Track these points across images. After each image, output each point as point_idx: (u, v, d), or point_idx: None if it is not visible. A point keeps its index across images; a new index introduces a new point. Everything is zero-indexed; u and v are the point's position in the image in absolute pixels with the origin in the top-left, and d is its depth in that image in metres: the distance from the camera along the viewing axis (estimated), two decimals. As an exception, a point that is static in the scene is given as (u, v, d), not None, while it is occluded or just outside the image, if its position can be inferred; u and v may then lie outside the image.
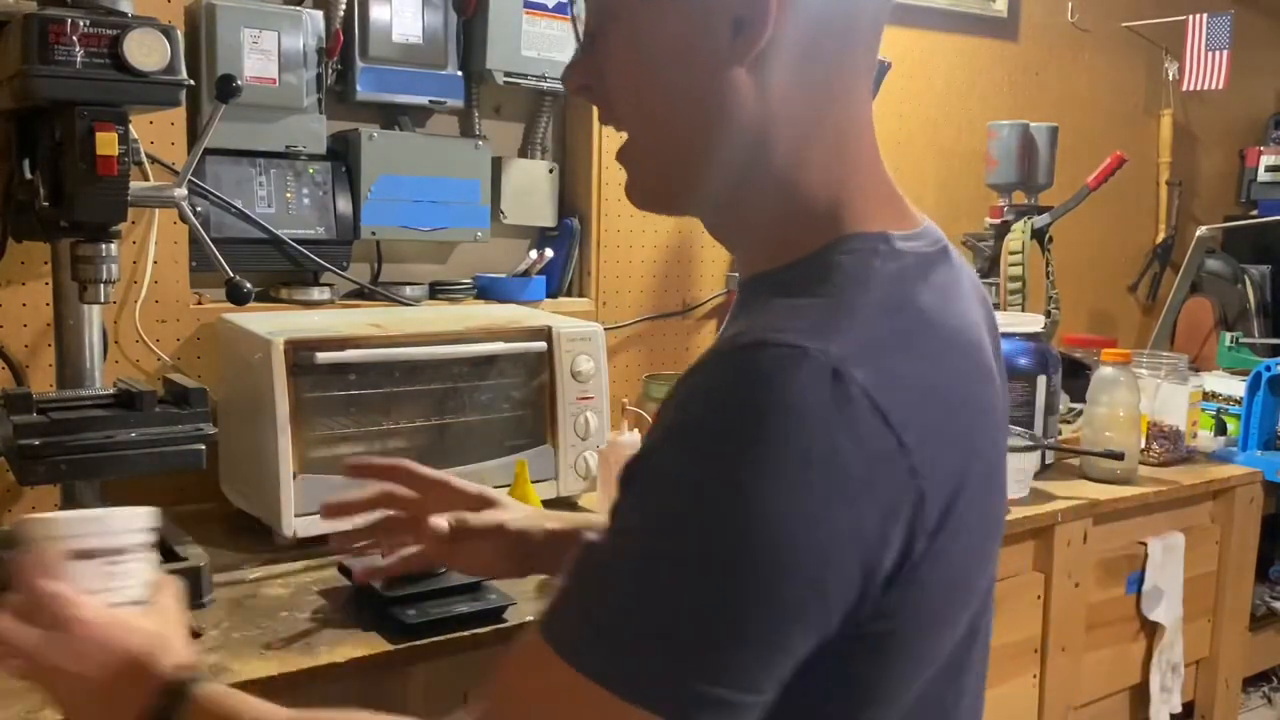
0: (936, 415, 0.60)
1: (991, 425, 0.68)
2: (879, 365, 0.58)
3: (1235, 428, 2.30)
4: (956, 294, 0.69)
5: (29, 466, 1.15)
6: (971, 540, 0.64)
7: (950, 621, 0.66)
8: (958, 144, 2.64)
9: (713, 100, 0.66)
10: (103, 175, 1.17)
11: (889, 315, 0.62)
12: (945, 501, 0.60)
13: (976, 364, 0.67)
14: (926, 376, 0.61)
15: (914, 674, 0.65)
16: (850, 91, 0.69)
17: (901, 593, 0.60)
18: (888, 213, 0.69)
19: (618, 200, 2.10)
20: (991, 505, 0.67)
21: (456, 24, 1.88)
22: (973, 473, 0.63)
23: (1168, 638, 2.02)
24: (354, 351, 1.43)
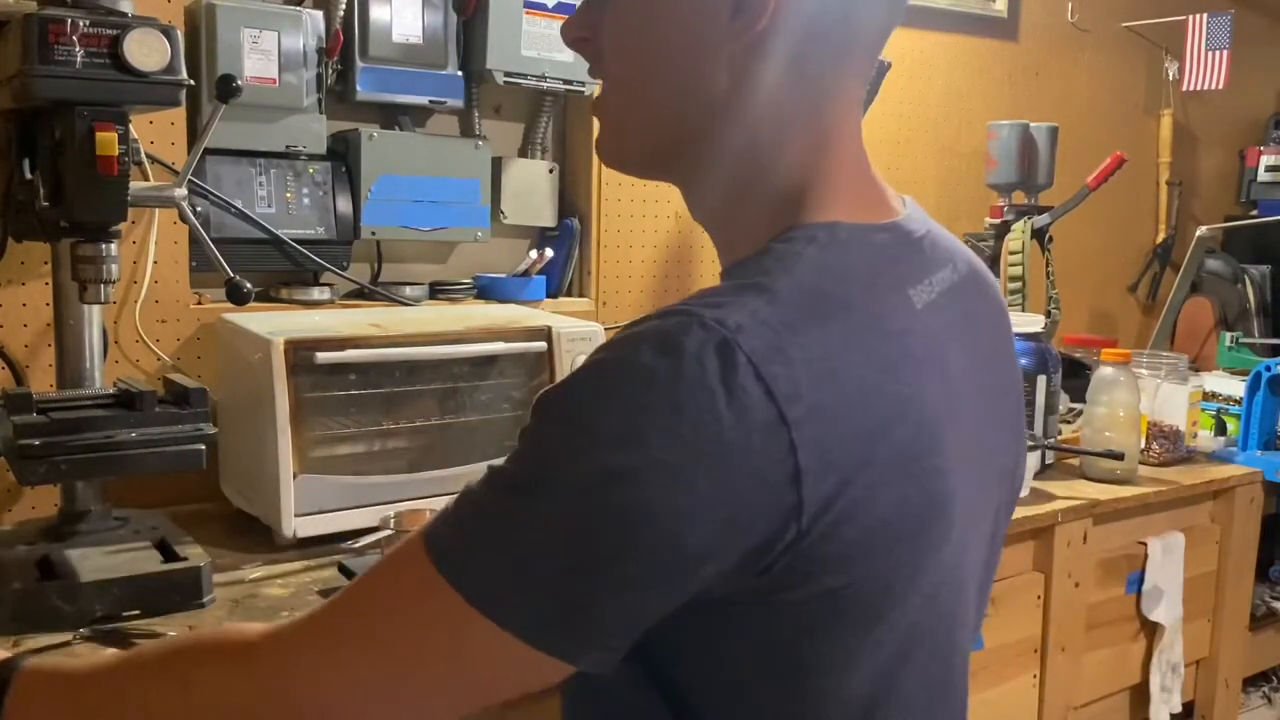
0: (833, 397, 0.60)
1: (921, 417, 0.65)
2: (773, 341, 0.59)
3: (1235, 428, 2.30)
4: (900, 284, 0.68)
5: (29, 466, 1.15)
6: (883, 531, 0.63)
7: (864, 619, 0.65)
8: (958, 144, 2.64)
9: (699, 75, 0.69)
10: (103, 175, 1.17)
11: (802, 297, 0.63)
12: (835, 485, 0.60)
13: (906, 351, 0.66)
14: (827, 359, 0.61)
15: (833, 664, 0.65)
16: (842, 92, 0.71)
17: (793, 569, 0.60)
18: (851, 205, 0.70)
19: (618, 200, 2.10)
20: (922, 499, 0.65)
21: (456, 24, 1.88)
22: (883, 458, 0.62)
23: (1168, 638, 2.02)
24: (354, 351, 1.43)
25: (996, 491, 0.78)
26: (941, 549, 0.68)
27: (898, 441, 0.63)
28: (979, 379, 0.73)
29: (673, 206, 2.16)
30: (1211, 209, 3.25)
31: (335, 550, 1.36)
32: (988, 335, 0.77)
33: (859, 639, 0.65)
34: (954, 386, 0.69)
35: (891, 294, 0.67)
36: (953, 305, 0.72)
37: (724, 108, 0.69)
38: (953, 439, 0.67)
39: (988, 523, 0.78)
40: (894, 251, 0.70)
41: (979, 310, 0.77)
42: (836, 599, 0.63)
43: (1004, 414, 0.79)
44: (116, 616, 1.17)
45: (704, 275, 2.22)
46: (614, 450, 0.58)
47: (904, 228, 0.72)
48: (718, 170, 0.71)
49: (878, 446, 0.62)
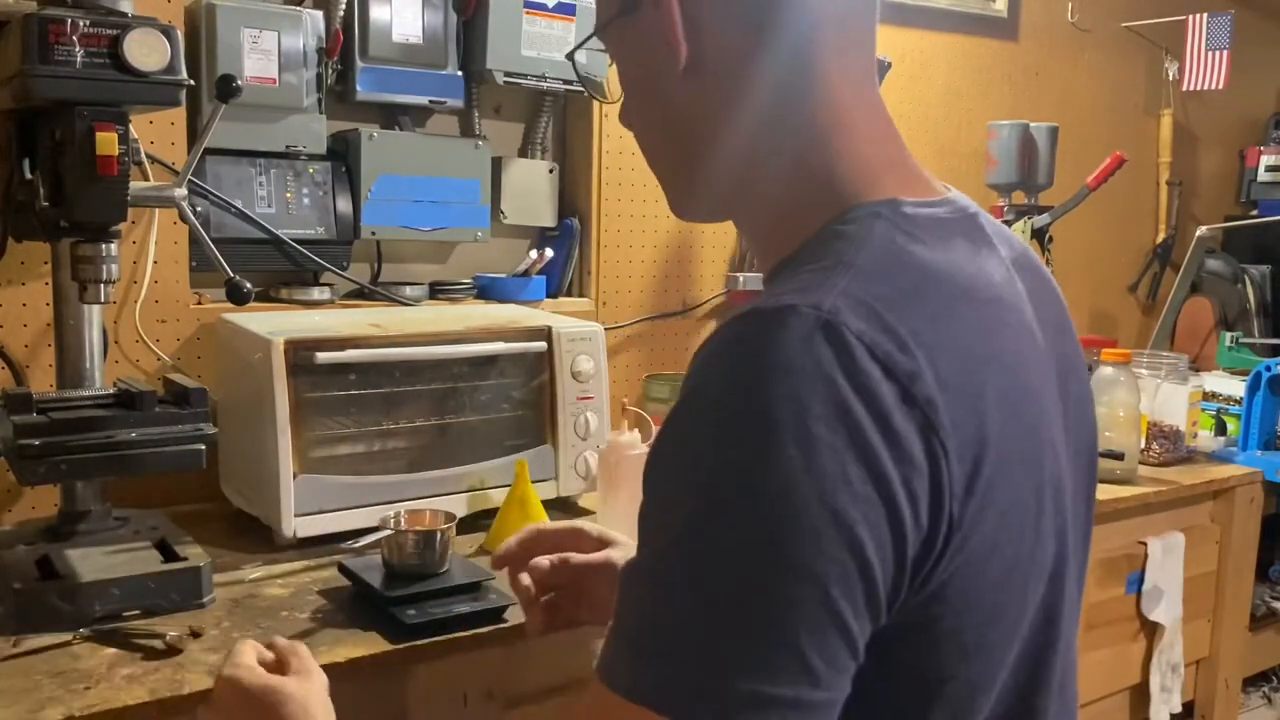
0: (947, 369, 0.57)
1: (1027, 384, 0.63)
2: (876, 317, 0.56)
3: (1235, 428, 2.30)
4: (975, 255, 0.66)
5: (29, 466, 1.15)
6: (1012, 508, 0.59)
7: (1006, 608, 0.61)
8: (958, 144, 2.64)
9: (680, 114, 0.71)
10: (103, 175, 1.17)
11: (889, 271, 0.61)
12: (971, 460, 0.56)
13: (1000, 319, 0.63)
14: (932, 331, 0.58)
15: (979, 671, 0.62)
16: (828, 74, 0.68)
17: (946, 568, 0.56)
18: (897, 182, 0.68)
19: (618, 200, 2.10)
20: (1040, 471, 0.62)
21: (456, 24, 1.88)
22: (1002, 432, 0.58)
23: (1167, 638, 2.02)
24: (354, 351, 1.43)
25: (1085, 478, 0.75)
26: (1047, 540, 0.65)
27: (1010, 413, 0.60)
28: (1053, 354, 0.71)
29: (673, 206, 2.16)
30: (1211, 209, 3.25)
31: (335, 550, 1.36)
32: (1053, 311, 0.74)
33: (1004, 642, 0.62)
34: (1043, 356, 0.67)
35: (970, 263, 0.65)
36: (1024, 279, 0.70)
37: (716, 134, 0.70)
38: (1052, 416, 0.65)
39: (1079, 512, 0.74)
40: (960, 226, 0.68)
41: (1039, 288, 0.74)
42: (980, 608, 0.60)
43: (1079, 393, 0.75)
44: (116, 616, 1.17)
45: (704, 275, 2.22)
46: (750, 488, 0.53)
47: (959, 203, 0.70)
48: (747, 188, 0.71)
49: (993, 420, 0.58)
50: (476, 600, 1.22)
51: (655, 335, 2.16)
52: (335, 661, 1.11)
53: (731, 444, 0.54)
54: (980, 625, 0.60)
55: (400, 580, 1.23)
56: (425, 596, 1.21)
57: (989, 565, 0.59)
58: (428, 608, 1.19)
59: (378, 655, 1.14)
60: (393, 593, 1.21)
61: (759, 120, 0.69)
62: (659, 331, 2.16)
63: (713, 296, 2.22)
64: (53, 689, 1.02)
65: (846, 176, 0.67)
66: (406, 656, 1.16)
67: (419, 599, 1.20)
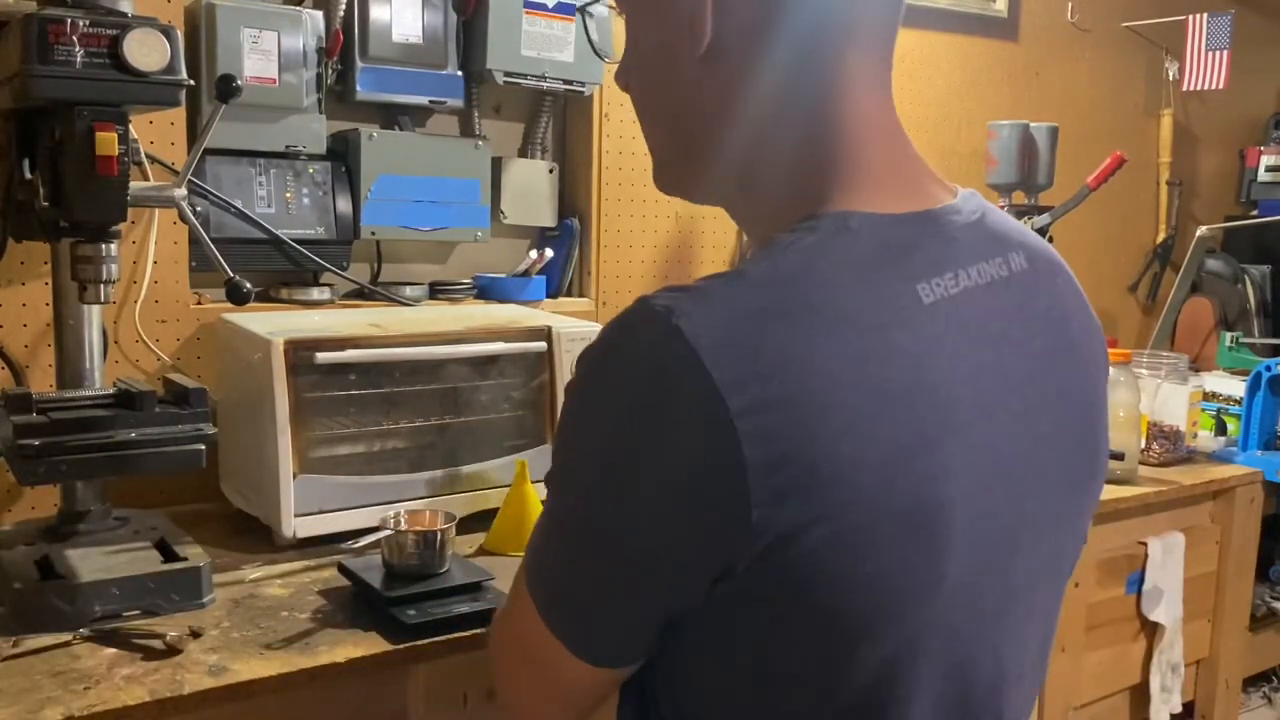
0: (785, 390, 0.58)
1: (908, 410, 0.61)
2: (726, 330, 0.59)
3: (1235, 428, 2.30)
4: (917, 276, 0.65)
5: (29, 466, 1.15)
6: (856, 533, 0.59)
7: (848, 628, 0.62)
8: (958, 144, 2.64)
9: (687, 98, 0.73)
10: (103, 175, 1.17)
11: (778, 285, 0.62)
12: (790, 480, 0.58)
13: (892, 347, 0.62)
14: (787, 350, 0.59)
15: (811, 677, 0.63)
16: (843, 77, 0.69)
17: (768, 567, 0.59)
18: (874, 193, 0.68)
19: (618, 200, 2.10)
20: (909, 504, 0.61)
21: (456, 24, 1.88)
22: (855, 456, 0.59)
23: (1168, 638, 2.02)
24: (354, 351, 1.43)
25: (1057, 505, 0.72)
26: (942, 561, 0.63)
27: (877, 439, 0.60)
28: (1015, 385, 0.68)
29: (673, 206, 2.16)
30: (1211, 209, 3.25)
31: (335, 550, 1.36)
32: (1041, 336, 0.71)
33: (842, 650, 0.62)
34: (956, 392, 0.64)
35: (890, 287, 0.64)
36: (987, 303, 0.68)
37: (720, 121, 0.71)
38: (962, 442, 0.63)
39: (1045, 541, 0.71)
40: (909, 244, 0.66)
41: (1038, 308, 0.72)
42: (812, 605, 0.60)
43: (1065, 420, 0.72)
44: (116, 616, 1.17)
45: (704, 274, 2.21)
46: (583, 458, 0.65)
47: (940, 218, 0.69)
48: (734, 178, 0.73)
49: (847, 442, 0.59)
50: (476, 600, 1.22)
51: (655, 335, 2.16)
52: (335, 661, 1.11)
53: (576, 425, 0.66)
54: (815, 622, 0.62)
55: (400, 580, 1.23)
56: (425, 596, 1.21)
57: (819, 572, 0.60)
58: (428, 608, 1.19)
59: (378, 655, 1.14)
60: (393, 593, 1.21)
61: (764, 113, 0.70)
62: (659, 331, 2.16)
63: (713, 296, 2.22)
64: (53, 689, 1.02)
65: (827, 180, 0.68)
66: (406, 656, 1.16)
67: (419, 599, 1.20)
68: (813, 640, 0.62)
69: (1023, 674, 0.74)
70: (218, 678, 1.05)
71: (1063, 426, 0.72)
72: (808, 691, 0.64)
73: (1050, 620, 0.78)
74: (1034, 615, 0.74)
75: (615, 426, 0.62)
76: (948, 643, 0.66)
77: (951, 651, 0.66)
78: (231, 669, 1.07)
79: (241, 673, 1.07)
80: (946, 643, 0.66)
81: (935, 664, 0.66)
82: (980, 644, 0.69)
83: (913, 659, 0.64)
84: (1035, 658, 0.76)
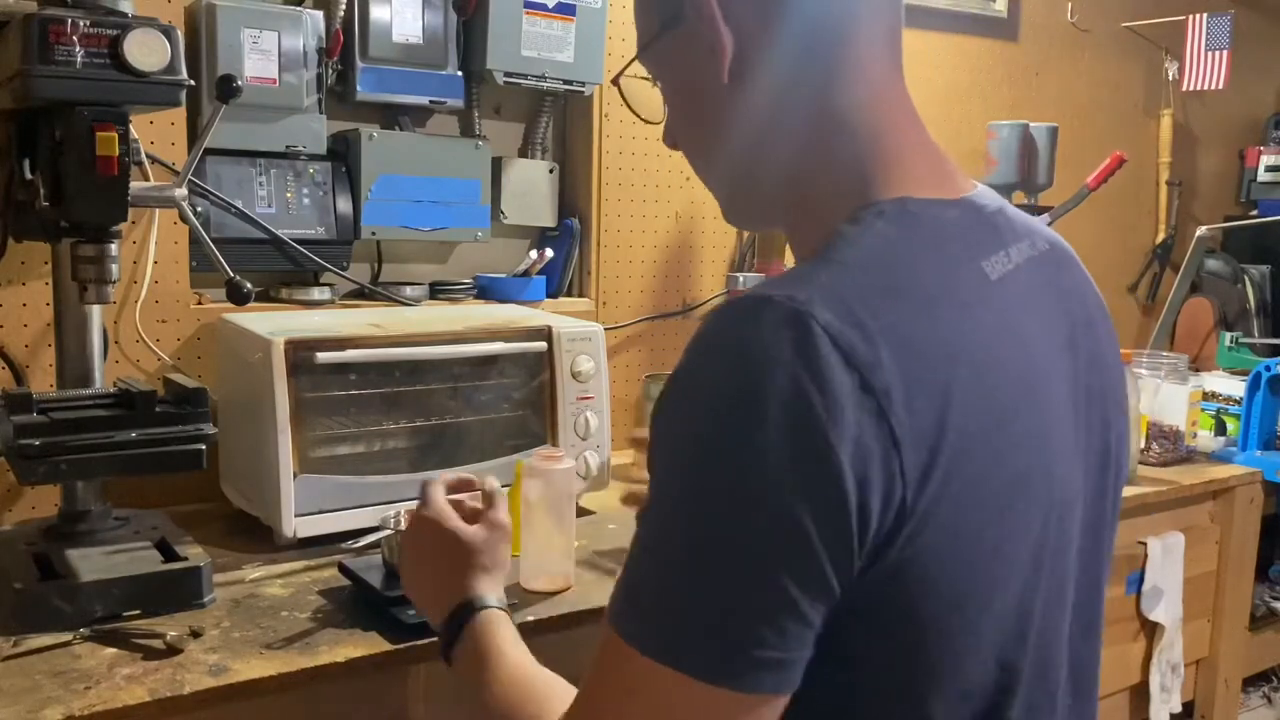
0: (910, 364, 0.60)
1: (997, 383, 0.65)
2: (847, 311, 0.60)
3: (1235, 428, 2.30)
4: (970, 257, 0.69)
5: (29, 466, 1.15)
6: (977, 500, 0.62)
7: (971, 595, 0.63)
8: (958, 144, 2.64)
9: (727, 122, 0.74)
10: (103, 175, 1.17)
11: (871, 267, 0.64)
12: (928, 450, 0.59)
13: (977, 321, 0.66)
14: (903, 326, 0.61)
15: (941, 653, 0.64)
16: (862, 72, 0.71)
17: (903, 552, 0.59)
18: (916, 179, 0.71)
19: (618, 200, 2.10)
20: (1008, 472, 0.64)
21: (456, 24, 1.88)
22: (966, 426, 0.61)
23: (1167, 638, 2.02)
24: (354, 351, 1.43)
25: (1097, 473, 0.77)
26: (1036, 522, 0.66)
27: (975, 409, 0.62)
28: (1070, 351, 0.73)
29: (673, 207, 2.16)
30: (1211, 209, 3.25)
31: (335, 550, 1.37)
32: (1078, 308, 0.77)
33: (972, 628, 0.64)
34: (1037, 358, 0.69)
35: (962, 265, 0.68)
36: (1034, 277, 0.72)
37: (763, 137, 0.73)
38: (1038, 411, 0.67)
39: (1089, 508, 0.76)
40: (965, 225, 0.70)
41: (1066, 284, 0.77)
42: (945, 590, 0.62)
43: (1101, 387, 0.77)
44: (116, 616, 1.17)
45: (704, 275, 2.22)
46: (714, 461, 0.59)
47: (975, 203, 0.73)
48: (789, 191, 0.74)
49: (956, 413, 0.61)
50: (476, 600, 1.22)
51: (655, 335, 2.16)
52: (335, 661, 1.11)
53: (703, 425, 0.60)
54: (942, 610, 0.63)
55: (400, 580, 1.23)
56: (425, 596, 1.21)
57: (949, 552, 0.61)
58: (428, 608, 1.19)
59: (378, 655, 1.14)
60: (393, 593, 1.20)
61: (800, 123, 0.71)
62: (659, 331, 2.16)
63: (713, 296, 2.22)
64: (53, 689, 1.02)
65: (869, 174, 0.70)
66: (406, 656, 1.16)
67: (419, 599, 1.20)
68: (948, 621, 0.63)
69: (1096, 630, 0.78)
70: (218, 678, 1.05)
71: (1101, 395, 0.77)
72: (934, 676, 0.65)
73: (1104, 578, 0.81)
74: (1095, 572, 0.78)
75: (749, 431, 0.58)
76: (1043, 605, 0.69)
77: (1044, 613, 0.69)
78: (231, 669, 1.08)
79: (241, 673, 1.07)
80: (1043, 606, 0.69)
81: (1035, 628, 0.68)
82: (1057, 603, 0.72)
83: (1026, 623, 0.67)
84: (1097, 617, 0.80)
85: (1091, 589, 0.78)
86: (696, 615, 0.59)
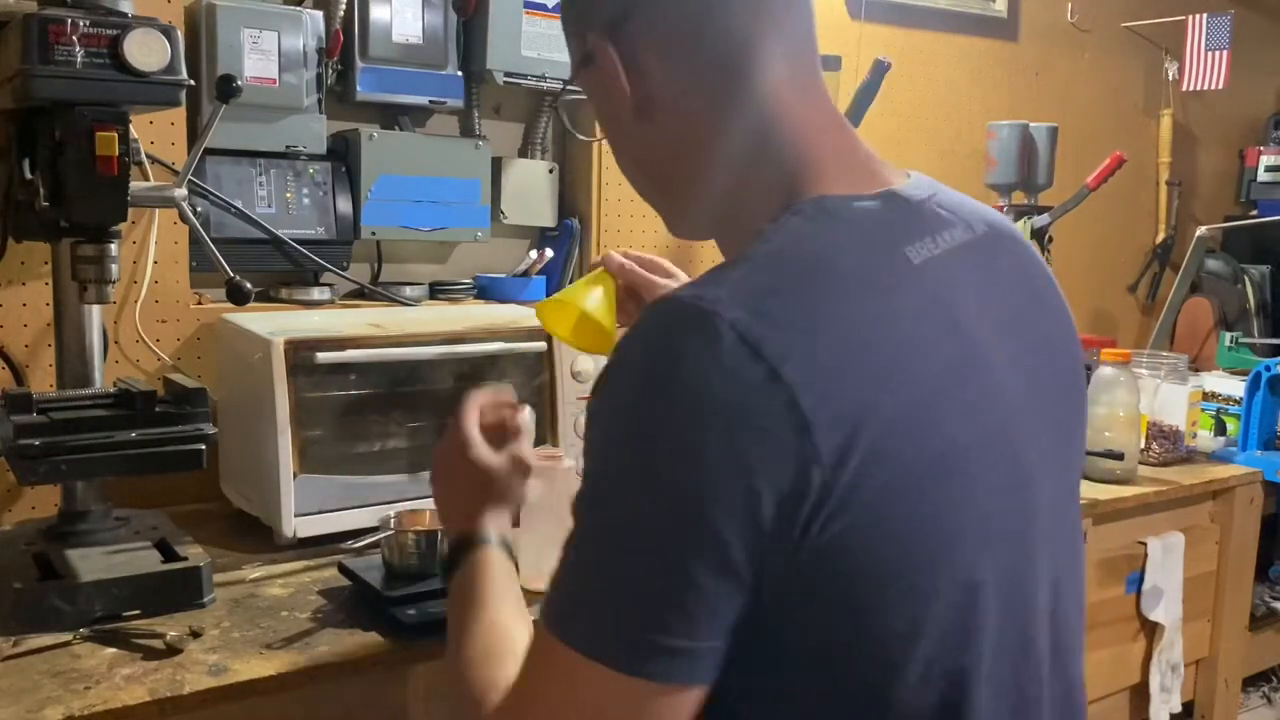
0: (826, 351, 0.62)
1: (924, 367, 0.66)
2: (756, 306, 0.62)
3: (1235, 428, 2.30)
4: (892, 244, 0.70)
5: (29, 466, 1.15)
6: (906, 478, 0.63)
7: (910, 570, 0.64)
8: (958, 144, 2.64)
9: (643, 153, 0.80)
10: (103, 175, 1.17)
11: (785, 260, 0.67)
12: (845, 432, 0.60)
13: (899, 305, 0.67)
14: (813, 315, 0.63)
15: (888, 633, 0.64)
16: (771, 87, 0.74)
17: (825, 532, 0.61)
18: (839, 181, 0.73)
19: (618, 200, 2.10)
20: (941, 447, 0.65)
21: (456, 24, 1.88)
22: (889, 408, 0.63)
23: (1167, 637, 2.02)
24: (354, 351, 1.43)
25: (1058, 448, 0.77)
26: (980, 498, 0.68)
27: (903, 389, 0.64)
28: (1012, 331, 0.74)
29: (673, 206, 2.16)
30: (1211, 209, 3.25)
31: (335, 550, 1.36)
32: (1017, 289, 0.79)
33: (911, 602, 0.65)
34: (973, 337, 0.70)
35: (881, 252, 0.70)
36: (965, 260, 0.74)
37: (678, 166, 0.78)
38: (975, 387, 0.69)
39: (1055, 482, 0.76)
40: (886, 215, 0.72)
41: (1004, 265, 0.79)
42: (878, 563, 0.63)
43: (1053, 365, 0.79)
44: (116, 616, 1.17)
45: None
46: (629, 452, 0.62)
47: (900, 194, 0.74)
48: (716, 209, 0.78)
49: (883, 394, 0.63)
50: None
51: (655, 335, 2.16)
52: (335, 661, 1.11)
53: (621, 424, 0.64)
54: (878, 586, 0.64)
55: (400, 580, 1.23)
56: (425, 596, 1.21)
57: (878, 529, 0.62)
58: (428, 608, 1.19)
59: (378, 655, 1.14)
60: (393, 593, 1.21)
61: (717, 146, 0.75)
62: (659, 331, 2.16)
63: (713, 296, 2.21)
64: (53, 689, 1.02)
65: (789, 183, 0.73)
66: (406, 656, 1.16)
67: (419, 599, 1.20)
68: (884, 596, 0.64)
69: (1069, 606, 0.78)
70: (218, 678, 1.05)
71: (1052, 371, 0.78)
72: (882, 657, 0.65)
73: (1078, 564, 0.82)
74: (1063, 553, 0.78)
75: (663, 423, 0.61)
76: (1000, 576, 0.69)
77: (1003, 584, 0.70)
78: (231, 669, 1.08)
79: (241, 673, 1.07)
80: (999, 576, 0.69)
81: (992, 597, 0.69)
82: (1025, 574, 0.72)
83: (974, 595, 0.68)
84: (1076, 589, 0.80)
85: (1069, 558, 0.79)
86: (609, 603, 0.62)
